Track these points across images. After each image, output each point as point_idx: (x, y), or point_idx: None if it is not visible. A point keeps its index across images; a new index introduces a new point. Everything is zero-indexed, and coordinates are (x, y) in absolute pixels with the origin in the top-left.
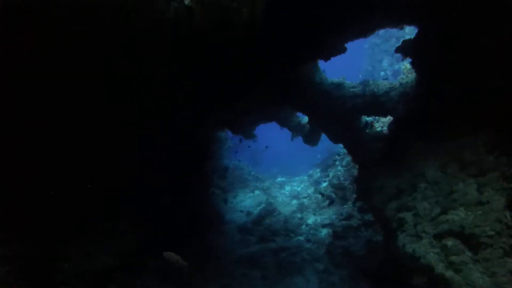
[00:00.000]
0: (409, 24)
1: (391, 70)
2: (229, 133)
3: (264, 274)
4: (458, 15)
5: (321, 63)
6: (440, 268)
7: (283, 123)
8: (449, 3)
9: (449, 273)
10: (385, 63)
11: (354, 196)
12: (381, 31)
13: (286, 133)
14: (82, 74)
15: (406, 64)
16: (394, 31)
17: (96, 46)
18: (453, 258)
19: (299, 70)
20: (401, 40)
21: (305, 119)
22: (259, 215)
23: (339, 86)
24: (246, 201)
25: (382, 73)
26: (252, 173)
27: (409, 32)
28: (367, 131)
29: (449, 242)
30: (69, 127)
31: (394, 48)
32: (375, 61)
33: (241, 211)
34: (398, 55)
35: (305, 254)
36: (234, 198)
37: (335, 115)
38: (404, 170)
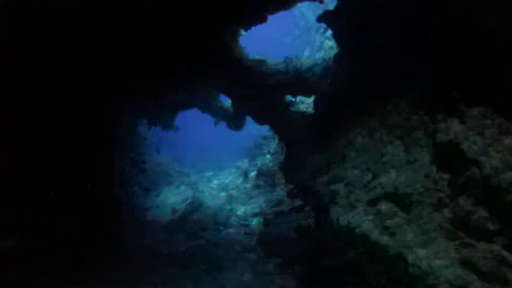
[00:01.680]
0: None
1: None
2: (151, 129)
3: (195, 273)
4: None
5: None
6: (375, 234)
7: (204, 108)
8: None
9: (384, 239)
10: (306, 52)
11: (283, 181)
12: (302, 23)
13: (210, 124)
14: None
15: (327, 41)
16: (312, 21)
17: None
18: (388, 222)
19: (219, 44)
20: (320, 32)
21: (227, 102)
22: (185, 211)
23: (261, 62)
24: (171, 198)
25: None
26: (177, 168)
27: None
28: (292, 108)
29: (383, 206)
30: None
31: (314, 38)
32: (298, 52)
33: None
34: (318, 44)
35: (237, 246)
36: (157, 196)
37: (258, 94)
38: (332, 143)
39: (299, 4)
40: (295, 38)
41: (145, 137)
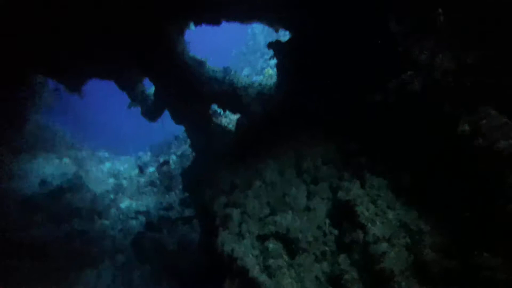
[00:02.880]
0: (284, 27)
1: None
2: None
3: (40, 266)
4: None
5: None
6: (255, 271)
7: (123, 85)
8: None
9: (262, 277)
10: (245, 72)
11: (181, 187)
12: (250, 42)
13: (124, 102)
14: None
15: (268, 69)
16: (261, 45)
17: None
18: (271, 261)
19: (162, 29)
20: (264, 57)
21: (150, 89)
22: (59, 188)
23: (201, 63)
24: (47, 168)
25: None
26: (67, 138)
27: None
28: (214, 119)
29: (271, 244)
30: None
31: (257, 61)
32: (238, 68)
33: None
34: (259, 68)
35: (106, 243)
36: (29, 162)
37: (187, 93)
38: (243, 167)
39: (254, 25)
40: (239, 54)
41: (40, 94)
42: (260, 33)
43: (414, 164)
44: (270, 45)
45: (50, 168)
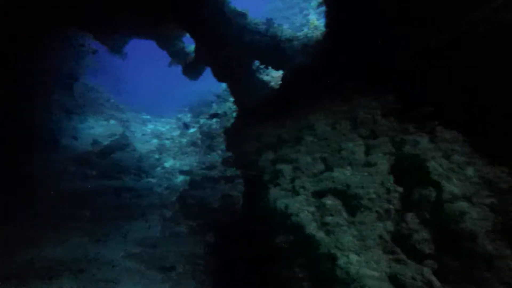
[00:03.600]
0: None
1: None
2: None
3: (95, 215)
4: None
5: None
6: (311, 228)
7: (163, 43)
8: None
9: (320, 234)
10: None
11: (222, 147)
12: None
13: (164, 63)
14: None
15: (313, 20)
16: (298, 0)
17: None
18: (329, 219)
19: None
20: (304, 13)
21: (191, 47)
22: (108, 147)
23: (242, 15)
24: (97, 129)
25: None
26: (112, 100)
27: (315, 7)
28: (259, 75)
29: (329, 201)
30: None
31: (295, 17)
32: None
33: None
34: (297, 24)
35: (153, 199)
36: (81, 123)
37: (229, 48)
38: (290, 121)
39: None
40: (274, 10)
41: (84, 56)
42: None
43: (497, 113)
44: None
45: (99, 129)
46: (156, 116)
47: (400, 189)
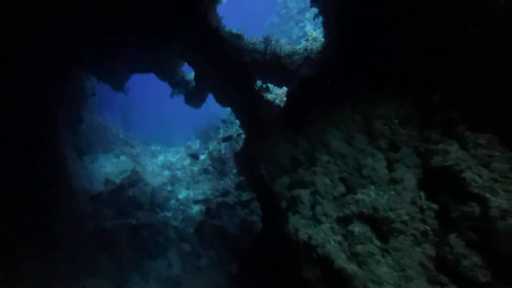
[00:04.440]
0: None
1: None
2: (100, 87)
3: (116, 255)
4: None
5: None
6: (341, 260)
7: (163, 75)
8: None
9: (351, 267)
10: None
11: (235, 172)
12: (283, 11)
13: (166, 91)
14: None
15: (312, 31)
16: (294, 12)
17: None
18: (359, 248)
19: (195, 4)
20: (300, 25)
21: (190, 74)
22: (121, 185)
23: (238, 37)
24: (108, 167)
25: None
26: (121, 136)
27: (310, 18)
28: (263, 94)
29: (356, 228)
30: None
31: (292, 30)
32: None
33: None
34: (294, 37)
35: (171, 233)
36: (92, 162)
37: (228, 70)
38: (302, 139)
39: None
40: (272, 25)
41: (91, 93)
42: (291, 0)
43: None
44: (314, 1)
45: (110, 167)
46: (165, 145)
47: (435, 206)
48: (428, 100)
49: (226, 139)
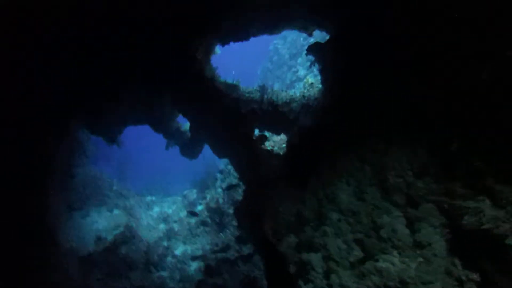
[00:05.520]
0: (320, 27)
1: None
2: (92, 137)
3: None
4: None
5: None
6: None
7: (157, 126)
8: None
9: None
10: (276, 87)
11: (234, 223)
12: (275, 58)
13: (162, 141)
14: None
15: (307, 78)
16: (286, 58)
17: None
18: None
19: (188, 56)
20: (292, 70)
21: (186, 125)
22: (113, 242)
23: (234, 87)
24: (100, 223)
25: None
26: (115, 187)
27: (302, 63)
28: (262, 145)
29: None
30: None
31: (285, 75)
32: (266, 85)
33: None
34: (288, 82)
35: None
36: (83, 218)
37: (225, 121)
38: (308, 194)
39: (275, 40)
40: (266, 71)
41: (83, 145)
42: (282, 47)
43: None
44: (310, 49)
45: (102, 222)
46: (161, 195)
47: (476, 276)
48: (445, 148)
49: (230, 187)
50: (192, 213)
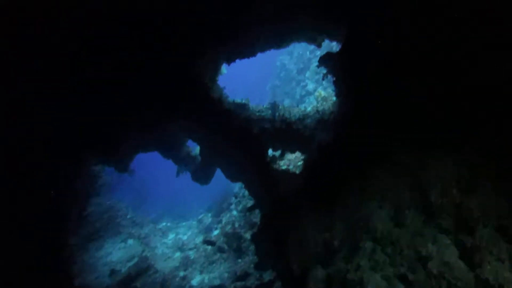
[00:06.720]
0: (329, 35)
1: None
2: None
3: None
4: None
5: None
6: None
7: (167, 153)
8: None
9: None
10: (286, 103)
11: (252, 248)
12: (282, 74)
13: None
14: None
15: (319, 91)
16: (293, 73)
17: None
18: None
19: (194, 79)
20: (301, 84)
21: (196, 149)
22: (127, 275)
23: (243, 107)
24: (114, 254)
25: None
26: (129, 216)
27: (310, 77)
28: (274, 165)
29: None
30: None
31: (294, 90)
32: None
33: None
34: (298, 97)
35: None
36: (97, 251)
37: (236, 143)
38: (335, 220)
39: (281, 56)
40: (274, 88)
41: (98, 176)
42: (289, 62)
43: None
44: (321, 61)
45: (117, 253)
46: (177, 220)
47: None
48: (497, 155)
49: (250, 209)
50: (209, 243)
